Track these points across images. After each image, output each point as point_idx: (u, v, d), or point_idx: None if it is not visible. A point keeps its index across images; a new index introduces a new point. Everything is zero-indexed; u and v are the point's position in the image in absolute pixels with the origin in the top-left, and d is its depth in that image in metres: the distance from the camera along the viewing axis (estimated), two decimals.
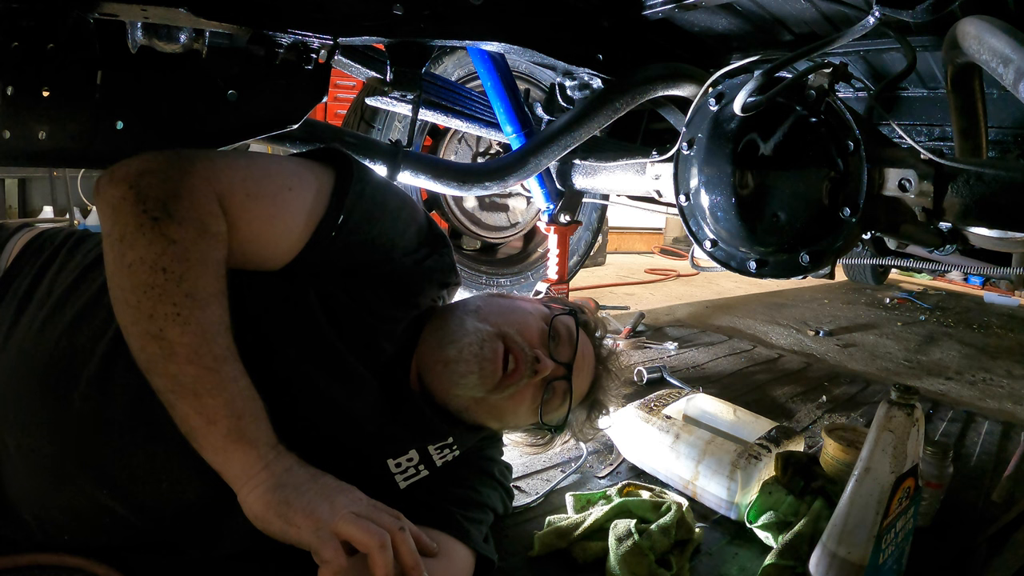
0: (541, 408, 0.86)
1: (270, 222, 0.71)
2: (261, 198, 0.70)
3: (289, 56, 0.87)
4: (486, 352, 0.80)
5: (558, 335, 0.89)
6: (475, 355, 0.80)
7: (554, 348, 0.87)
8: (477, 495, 0.86)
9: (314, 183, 0.74)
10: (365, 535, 0.58)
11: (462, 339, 0.81)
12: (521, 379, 0.82)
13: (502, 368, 0.81)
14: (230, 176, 0.68)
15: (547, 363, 0.83)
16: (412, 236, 0.84)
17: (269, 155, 0.82)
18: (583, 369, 0.92)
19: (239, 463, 0.61)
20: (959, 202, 0.93)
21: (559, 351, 0.88)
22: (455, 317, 0.85)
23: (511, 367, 0.81)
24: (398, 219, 0.82)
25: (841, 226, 0.99)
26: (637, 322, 2.33)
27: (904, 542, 0.87)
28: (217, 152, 0.74)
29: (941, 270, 1.37)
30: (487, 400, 0.82)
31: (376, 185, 0.79)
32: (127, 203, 0.62)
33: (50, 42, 0.78)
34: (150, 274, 0.61)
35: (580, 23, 1.27)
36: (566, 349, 0.88)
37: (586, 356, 0.93)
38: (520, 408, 0.86)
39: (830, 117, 0.98)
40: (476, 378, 0.80)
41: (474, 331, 0.82)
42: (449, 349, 0.81)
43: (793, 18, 1.37)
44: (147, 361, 0.61)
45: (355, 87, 4.06)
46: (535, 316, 0.88)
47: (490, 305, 0.88)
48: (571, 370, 0.88)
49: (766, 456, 1.07)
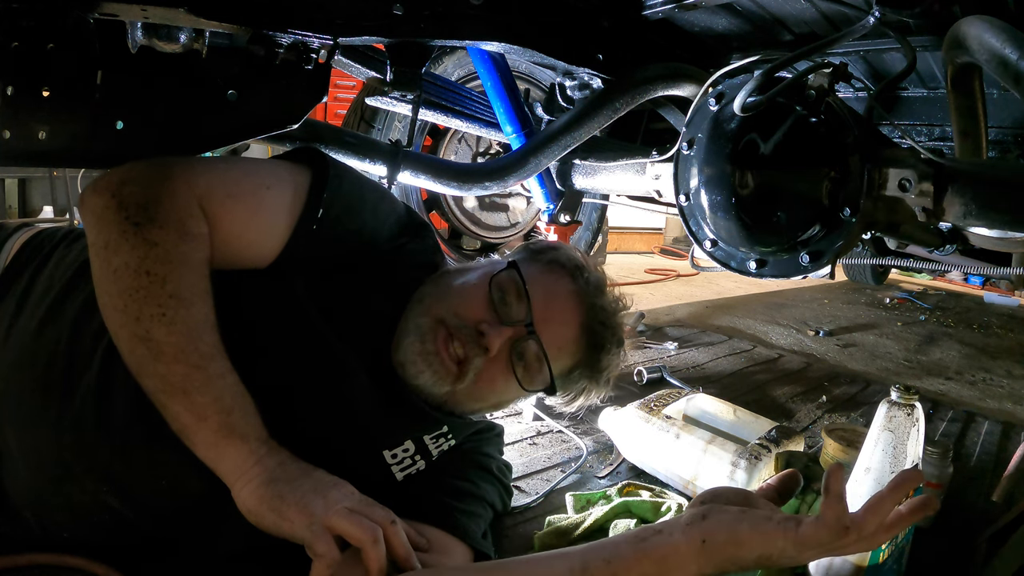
0: (519, 379, 0.79)
1: (251, 220, 0.73)
2: (240, 198, 0.72)
3: (289, 56, 0.87)
4: (428, 347, 0.75)
5: (504, 293, 0.79)
6: (419, 352, 0.75)
7: (504, 310, 0.78)
8: (475, 488, 0.86)
9: (292, 181, 0.77)
10: (358, 529, 0.59)
11: (405, 339, 0.77)
12: (474, 360, 0.76)
13: (449, 357, 0.75)
14: (208, 179, 0.71)
15: (493, 332, 0.75)
16: (393, 225, 0.86)
17: (247, 158, 0.85)
18: (556, 314, 0.81)
19: (231, 458, 0.62)
20: (959, 202, 0.93)
21: (510, 311, 0.78)
22: (408, 311, 0.81)
23: (460, 353, 0.76)
24: (378, 211, 0.84)
25: (841, 226, 0.99)
26: (637, 322, 2.33)
27: (904, 542, 0.87)
28: (196, 157, 0.77)
29: (941, 270, 1.36)
30: (456, 391, 0.78)
31: (353, 180, 0.82)
32: (110, 211, 0.65)
33: (50, 42, 0.78)
34: (135, 278, 0.63)
35: (580, 23, 1.27)
36: (517, 305, 0.78)
37: (557, 297, 0.82)
38: (496, 387, 0.80)
39: (830, 117, 0.98)
40: (430, 375, 0.76)
41: (415, 328, 0.77)
42: (397, 353, 0.77)
43: (793, 18, 1.37)
44: (137, 363, 0.63)
45: (355, 87, 4.06)
46: (478, 285, 0.80)
47: (435, 290, 0.82)
48: (532, 325, 0.77)
49: (766, 456, 1.07)
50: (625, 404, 1.29)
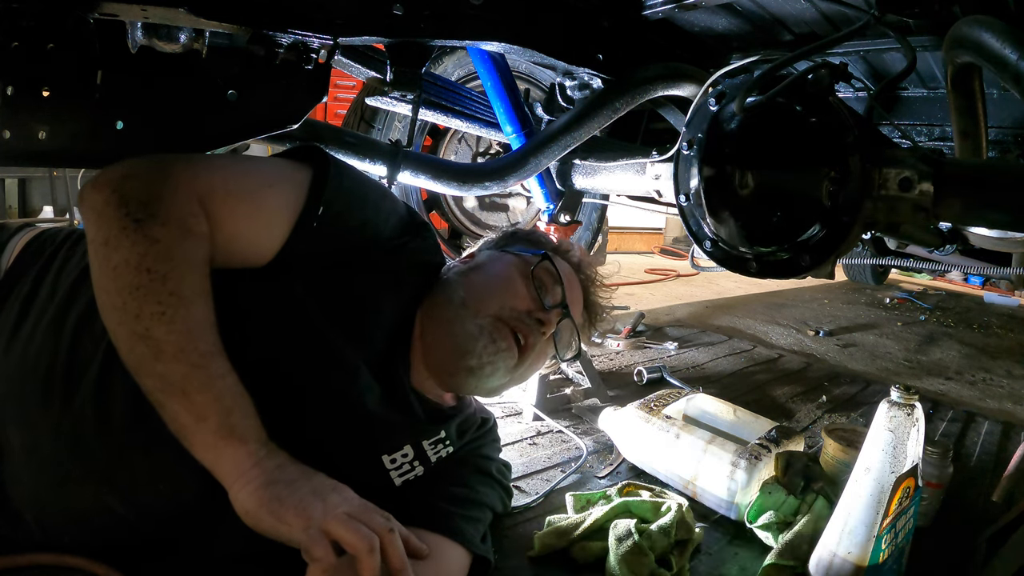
0: (557, 352, 0.94)
1: (251, 218, 0.72)
2: (242, 196, 0.71)
3: (289, 56, 0.87)
4: (500, 345, 0.83)
5: (543, 283, 0.91)
6: (493, 353, 0.83)
7: (544, 296, 0.90)
8: (475, 494, 0.86)
9: (293, 179, 0.76)
10: (354, 537, 0.58)
11: (475, 346, 0.82)
12: (535, 345, 0.87)
13: (517, 348, 0.85)
14: (209, 176, 0.70)
15: (549, 317, 0.87)
16: (394, 224, 0.87)
17: (248, 156, 0.85)
18: (576, 296, 0.96)
19: (230, 460, 0.61)
20: (959, 202, 0.93)
21: (550, 296, 0.91)
22: (450, 319, 0.85)
23: (523, 341, 0.85)
24: (379, 209, 0.84)
25: (841, 226, 0.99)
26: (637, 322, 2.33)
27: (904, 542, 0.87)
28: (197, 155, 0.76)
29: (941, 270, 1.37)
30: (514, 375, 0.88)
31: (354, 178, 0.82)
32: (110, 207, 0.64)
33: (50, 42, 0.78)
34: (135, 275, 0.62)
35: (580, 23, 1.27)
36: (555, 291, 0.92)
37: (573, 281, 0.97)
38: (541, 360, 0.93)
39: (830, 117, 0.98)
40: (503, 370, 0.85)
41: (478, 330, 0.83)
42: (469, 359, 0.83)
43: (793, 18, 1.37)
44: (135, 362, 0.62)
45: (355, 87, 4.06)
46: (516, 278, 0.89)
47: (471, 289, 0.87)
48: (567, 307, 0.92)
49: (766, 456, 1.07)
50: (625, 404, 1.29)
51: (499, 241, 1.02)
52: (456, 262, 0.98)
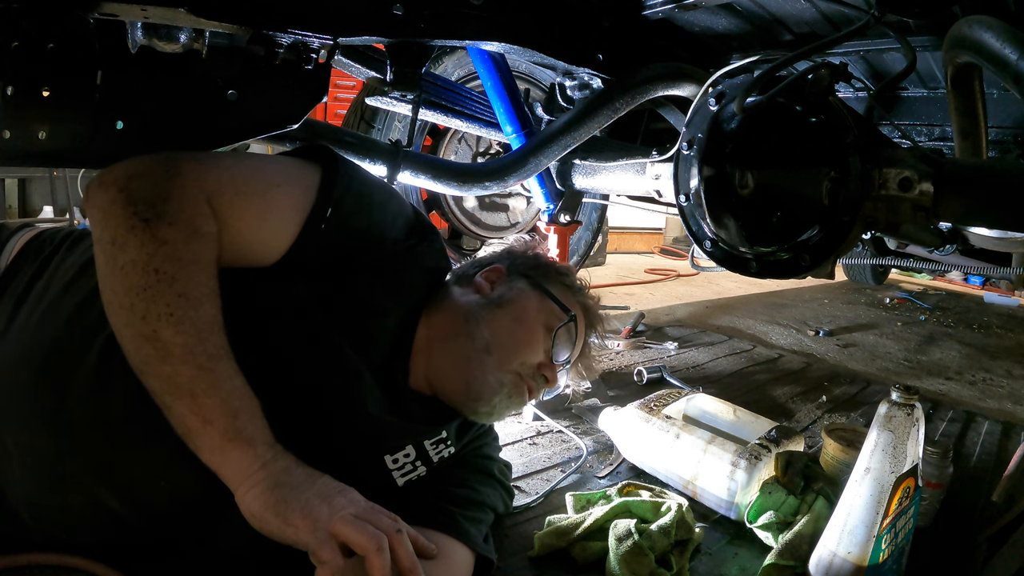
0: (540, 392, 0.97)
1: (260, 218, 0.71)
2: (250, 196, 0.71)
3: (289, 56, 0.87)
4: (514, 400, 0.89)
5: (560, 341, 0.94)
6: (506, 407, 0.89)
7: (557, 355, 0.94)
8: (477, 494, 0.87)
9: (301, 179, 0.75)
10: (363, 537, 0.58)
11: (492, 398, 0.86)
12: (539, 395, 0.94)
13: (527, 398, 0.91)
14: (218, 176, 0.69)
15: (556, 375, 0.94)
16: (401, 227, 0.86)
17: (256, 154, 0.84)
18: (585, 349, 1.03)
19: (236, 462, 0.61)
20: (959, 202, 0.92)
21: (564, 356, 0.95)
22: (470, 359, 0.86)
23: (530, 394, 0.91)
24: (386, 211, 0.84)
25: (841, 226, 0.99)
26: (637, 322, 2.33)
27: (904, 542, 0.87)
28: (205, 153, 0.75)
29: (941, 270, 1.37)
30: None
31: (362, 179, 0.81)
32: (117, 206, 0.63)
33: (50, 42, 0.78)
34: (142, 275, 0.61)
35: (580, 23, 1.27)
36: (567, 349, 0.96)
37: (582, 336, 1.01)
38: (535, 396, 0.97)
39: (830, 117, 0.98)
40: (504, 414, 0.92)
41: (499, 385, 0.86)
42: (481, 406, 0.87)
43: (793, 18, 1.37)
44: (142, 363, 0.61)
45: (355, 87, 4.06)
46: (539, 331, 0.92)
47: (498, 336, 0.87)
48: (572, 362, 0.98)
49: (766, 456, 1.07)
50: (625, 404, 1.29)
51: (527, 266, 0.99)
52: (469, 269, 0.99)
